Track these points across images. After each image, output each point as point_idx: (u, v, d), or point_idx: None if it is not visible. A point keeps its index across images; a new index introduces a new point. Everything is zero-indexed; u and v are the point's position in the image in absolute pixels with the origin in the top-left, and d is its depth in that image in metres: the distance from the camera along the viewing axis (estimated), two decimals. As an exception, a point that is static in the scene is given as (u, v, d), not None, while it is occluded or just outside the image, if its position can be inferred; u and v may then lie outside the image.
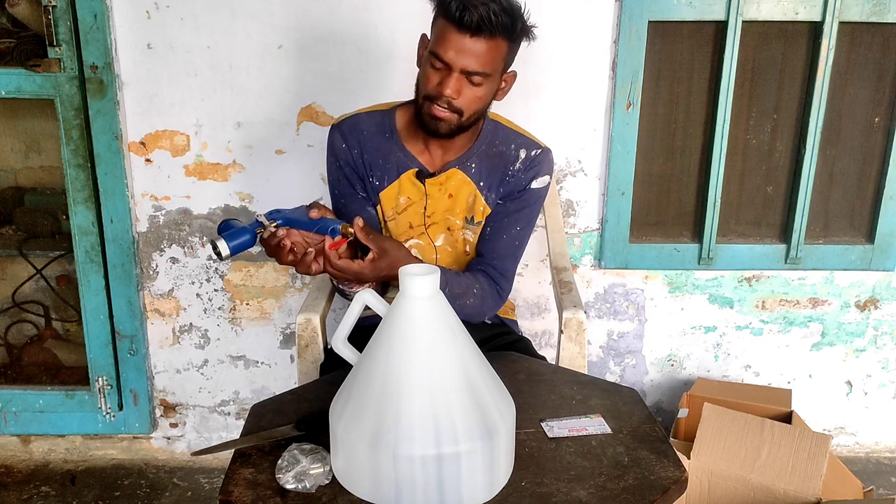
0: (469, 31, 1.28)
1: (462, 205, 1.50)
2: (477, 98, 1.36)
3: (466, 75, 1.32)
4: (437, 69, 1.34)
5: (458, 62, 1.31)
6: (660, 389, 2.32)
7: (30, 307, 2.44)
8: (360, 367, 1.03)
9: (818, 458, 1.67)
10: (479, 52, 1.30)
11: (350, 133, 1.49)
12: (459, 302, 1.41)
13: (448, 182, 1.49)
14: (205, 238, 2.13)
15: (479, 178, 1.49)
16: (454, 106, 1.35)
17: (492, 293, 1.49)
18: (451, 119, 1.36)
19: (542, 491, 1.02)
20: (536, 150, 1.50)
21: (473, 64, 1.31)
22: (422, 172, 1.48)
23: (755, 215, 2.20)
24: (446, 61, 1.31)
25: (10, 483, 2.20)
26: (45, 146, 2.37)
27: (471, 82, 1.33)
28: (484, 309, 1.49)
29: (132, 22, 1.95)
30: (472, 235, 1.53)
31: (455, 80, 1.32)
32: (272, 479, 1.03)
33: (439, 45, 1.32)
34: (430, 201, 1.49)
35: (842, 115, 2.11)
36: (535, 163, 1.49)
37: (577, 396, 1.28)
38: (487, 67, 1.32)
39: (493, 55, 1.32)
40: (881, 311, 2.24)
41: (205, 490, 2.19)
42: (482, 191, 1.50)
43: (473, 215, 1.51)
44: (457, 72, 1.32)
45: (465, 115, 1.37)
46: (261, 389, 2.28)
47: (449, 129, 1.38)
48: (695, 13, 1.97)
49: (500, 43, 1.32)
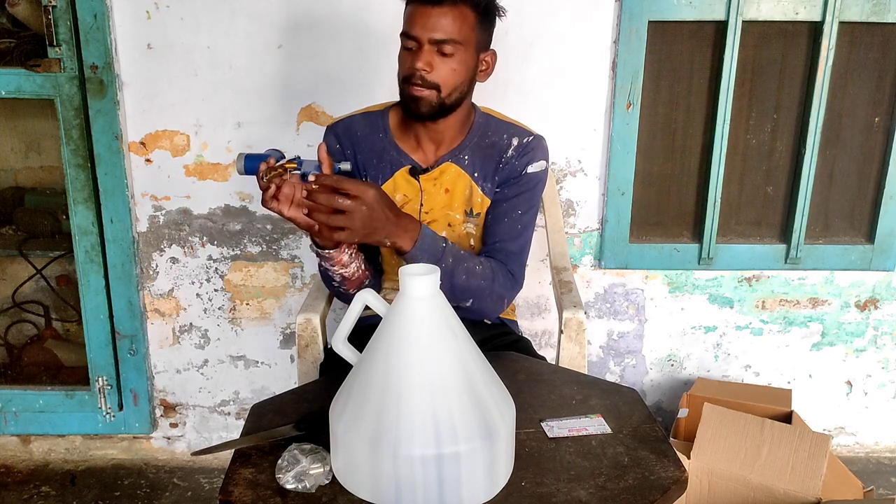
0: (430, 2, 1.33)
1: (459, 198, 1.50)
2: (452, 71, 1.37)
3: (436, 46, 1.35)
4: (410, 49, 1.38)
5: (425, 34, 1.34)
6: (660, 389, 2.32)
7: (30, 307, 2.44)
8: (360, 367, 1.03)
9: (818, 458, 1.67)
10: (443, 20, 1.34)
11: (344, 134, 1.51)
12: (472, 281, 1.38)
13: (442, 177, 1.49)
14: (205, 238, 2.13)
15: (473, 169, 1.49)
16: (429, 81, 1.36)
17: (503, 272, 1.45)
18: (431, 97, 1.37)
19: (542, 491, 1.02)
20: (528, 137, 1.50)
21: (440, 32, 1.34)
22: (415, 169, 1.49)
23: (755, 215, 2.20)
24: (414, 36, 1.35)
25: (10, 483, 2.20)
26: (45, 146, 2.38)
27: (442, 53, 1.36)
28: (496, 287, 1.43)
29: (132, 22, 1.95)
30: (475, 228, 1.53)
31: (425, 53, 1.35)
32: (272, 479, 1.03)
33: (406, 23, 1.38)
34: (426, 197, 1.50)
35: (842, 115, 2.11)
36: (528, 149, 1.49)
37: (577, 396, 1.28)
38: (455, 34, 1.35)
39: (458, 23, 1.35)
40: (881, 311, 2.24)
41: (205, 490, 2.19)
42: (477, 181, 1.50)
43: (472, 207, 1.51)
44: (426, 44, 1.35)
45: (443, 91, 1.38)
46: (261, 389, 2.29)
47: (431, 108, 1.39)
48: (695, 13, 1.97)
49: (464, 11, 1.35)
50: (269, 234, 2.13)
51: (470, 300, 1.41)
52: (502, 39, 1.95)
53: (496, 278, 1.43)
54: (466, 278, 1.38)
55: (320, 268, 1.42)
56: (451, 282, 1.37)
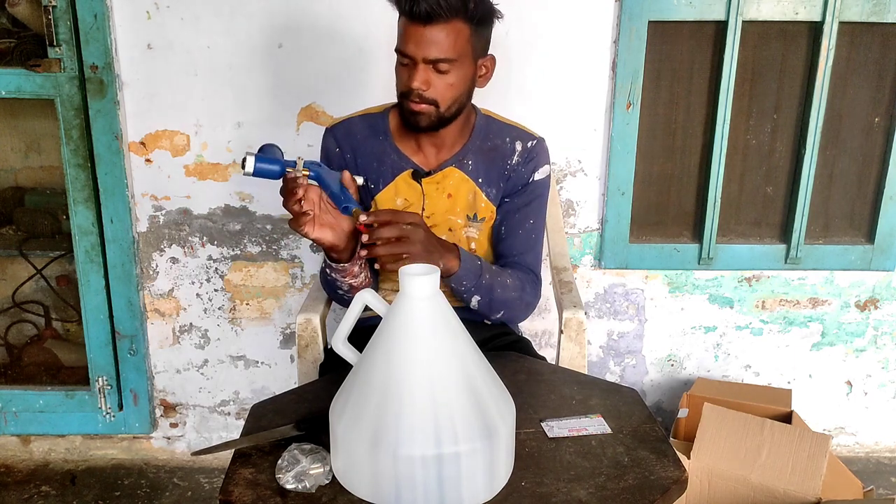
0: (421, 20, 1.29)
1: (462, 203, 1.50)
2: (449, 86, 1.36)
3: (431, 64, 1.33)
4: (405, 65, 1.36)
5: (419, 53, 1.32)
6: (660, 389, 2.32)
7: (30, 307, 2.44)
8: (360, 367, 1.03)
9: (818, 458, 1.67)
10: (437, 39, 1.31)
11: (344, 137, 1.50)
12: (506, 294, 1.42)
13: (445, 181, 1.49)
14: (205, 238, 2.13)
15: (477, 174, 1.49)
16: (426, 97, 1.35)
17: (529, 281, 1.49)
18: (429, 111, 1.37)
19: (542, 491, 1.01)
20: (532, 140, 1.51)
21: (434, 52, 1.31)
22: (417, 172, 1.48)
23: (755, 215, 2.20)
24: (409, 55, 1.33)
25: (10, 483, 2.20)
26: (45, 146, 2.38)
27: (438, 70, 1.34)
28: (525, 296, 1.48)
29: (132, 22, 1.95)
30: (477, 233, 1.53)
31: (421, 72, 1.33)
32: (272, 479, 1.03)
33: (401, 41, 1.34)
34: (428, 201, 1.49)
35: (842, 116, 2.11)
36: (532, 154, 1.50)
37: (577, 396, 1.28)
38: (450, 53, 1.32)
39: (452, 40, 1.32)
40: (881, 311, 2.24)
41: (205, 490, 2.19)
42: (482, 187, 1.50)
43: (476, 213, 1.51)
44: (421, 63, 1.33)
45: (442, 106, 1.37)
46: (261, 389, 2.29)
47: (430, 122, 1.38)
48: (695, 13, 1.97)
49: (458, 26, 1.32)
50: (269, 234, 2.13)
51: (502, 311, 1.45)
52: (502, 40, 1.96)
53: (524, 288, 1.48)
54: (502, 292, 1.42)
55: (327, 277, 1.41)
56: (490, 296, 1.40)
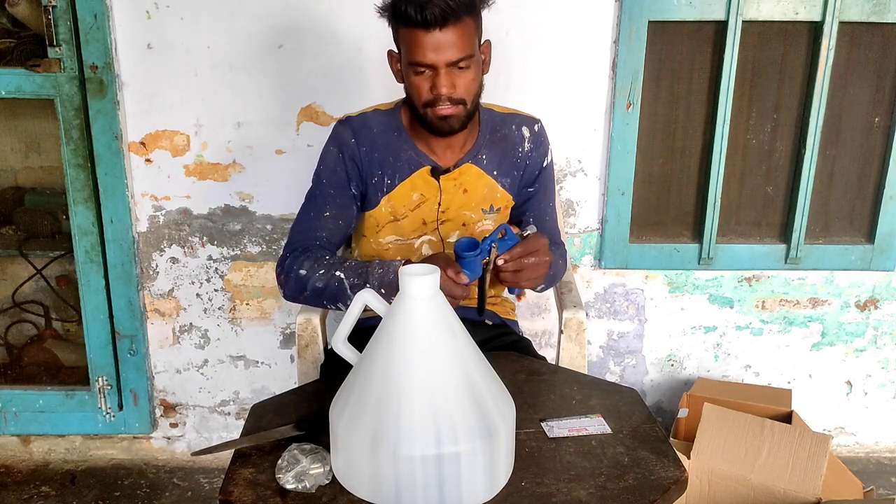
0: (437, 25, 1.29)
1: (477, 198, 1.52)
2: (471, 81, 1.38)
3: (453, 65, 1.34)
4: (421, 74, 1.35)
5: (441, 58, 1.32)
6: (660, 389, 2.32)
7: (30, 307, 2.44)
8: (360, 367, 1.03)
9: (818, 458, 1.67)
10: (454, 40, 1.31)
11: (361, 131, 1.49)
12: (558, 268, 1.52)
13: (462, 177, 1.50)
14: (205, 238, 2.13)
15: (492, 167, 1.52)
16: (455, 98, 1.36)
17: (559, 252, 1.57)
18: (458, 112, 1.38)
19: (542, 491, 1.02)
20: (535, 124, 1.57)
21: (455, 53, 1.32)
22: (436, 169, 1.49)
23: (755, 215, 2.20)
24: (429, 63, 1.33)
25: (10, 483, 2.20)
26: (45, 146, 2.37)
27: (459, 69, 1.35)
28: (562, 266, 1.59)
29: (132, 22, 1.95)
30: (492, 224, 1.55)
31: (445, 76, 1.34)
32: (272, 479, 1.03)
33: (415, 53, 1.33)
34: (445, 197, 1.51)
35: (842, 115, 2.11)
36: (539, 139, 1.57)
37: (577, 396, 1.28)
38: (467, 49, 1.34)
39: (467, 37, 1.33)
40: (881, 311, 2.24)
41: (205, 490, 2.19)
42: (497, 179, 1.53)
43: (493, 204, 1.54)
44: (443, 68, 1.33)
45: (469, 103, 1.39)
46: (261, 389, 2.28)
47: (461, 122, 1.41)
48: (695, 13, 1.97)
49: (467, 22, 1.33)
50: (269, 234, 2.13)
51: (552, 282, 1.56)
52: (503, 39, 1.96)
53: (558, 261, 1.54)
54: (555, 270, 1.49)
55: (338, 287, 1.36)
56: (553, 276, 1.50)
